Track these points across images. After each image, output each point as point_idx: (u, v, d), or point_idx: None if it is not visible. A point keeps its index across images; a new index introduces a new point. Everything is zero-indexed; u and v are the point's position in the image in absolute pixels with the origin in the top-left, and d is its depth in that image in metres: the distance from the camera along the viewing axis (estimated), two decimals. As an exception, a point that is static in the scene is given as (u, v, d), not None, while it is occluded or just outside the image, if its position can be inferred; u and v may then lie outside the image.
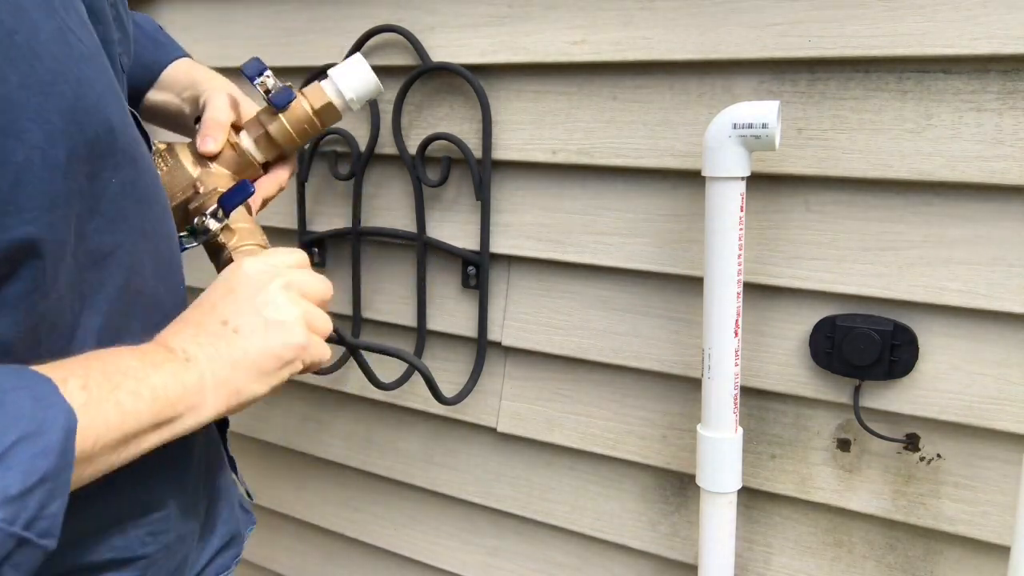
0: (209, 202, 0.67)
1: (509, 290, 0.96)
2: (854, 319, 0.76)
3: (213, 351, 0.51)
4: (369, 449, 1.12)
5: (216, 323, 0.53)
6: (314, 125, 0.75)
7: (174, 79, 0.79)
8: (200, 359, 0.50)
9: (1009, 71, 0.68)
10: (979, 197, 0.71)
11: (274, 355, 0.53)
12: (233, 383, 0.51)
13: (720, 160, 0.72)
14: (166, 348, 0.50)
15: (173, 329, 0.53)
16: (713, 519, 0.79)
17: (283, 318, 0.54)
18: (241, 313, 0.53)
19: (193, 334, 0.52)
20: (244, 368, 0.52)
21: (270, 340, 0.53)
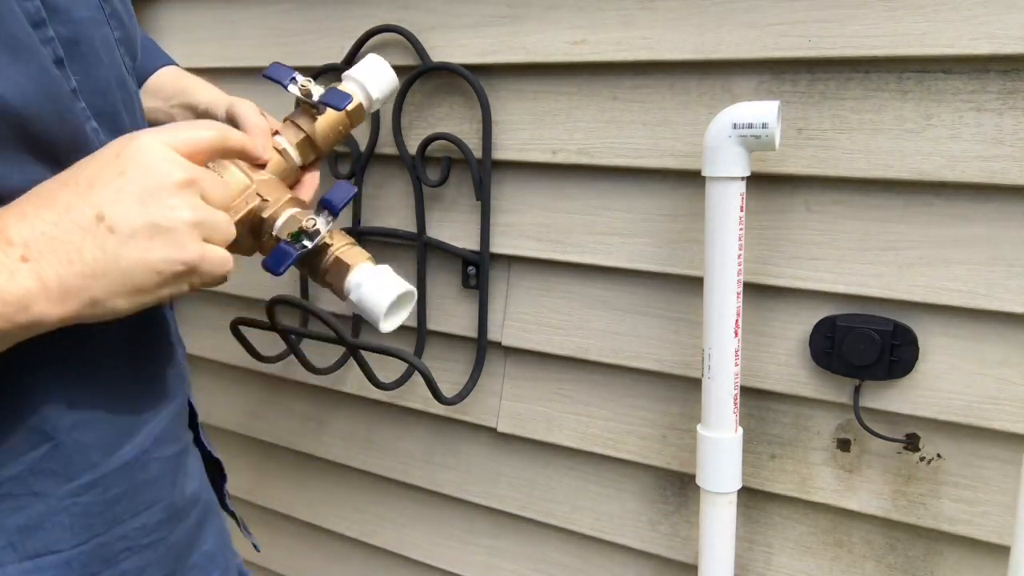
0: (283, 208, 0.63)
1: (509, 290, 0.96)
2: (854, 319, 0.76)
3: (70, 252, 0.42)
4: (369, 449, 1.12)
5: (88, 214, 0.43)
6: (346, 127, 0.75)
7: (161, 86, 0.76)
8: (44, 260, 0.41)
9: (1009, 71, 0.68)
10: (979, 197, 0.71)
11: (153, 269, 0.45)
12: (88, 292, 0.43)
13: (720, 160, 0.72)
14: (1, 237, 0.41)
15: (25, 208, 0.43)
16: (713, 519, 0.79)
17: (174, 224, 0.45)
18: (122, 205, 0.44)
19: (52, 223, 0.42)
20: (109, 278, 0.43)
21: (152, 250, 0.44)
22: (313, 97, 0.71)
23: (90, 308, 0.44)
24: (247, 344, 0.98)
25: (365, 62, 0.77)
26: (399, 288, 0.64)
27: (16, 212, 0.43)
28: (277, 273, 0.61)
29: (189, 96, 0.73)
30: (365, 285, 0.63)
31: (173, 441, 0.63)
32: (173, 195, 0.46)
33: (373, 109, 0.76)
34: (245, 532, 0.75)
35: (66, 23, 0.51)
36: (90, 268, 0.43)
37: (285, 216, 0.63)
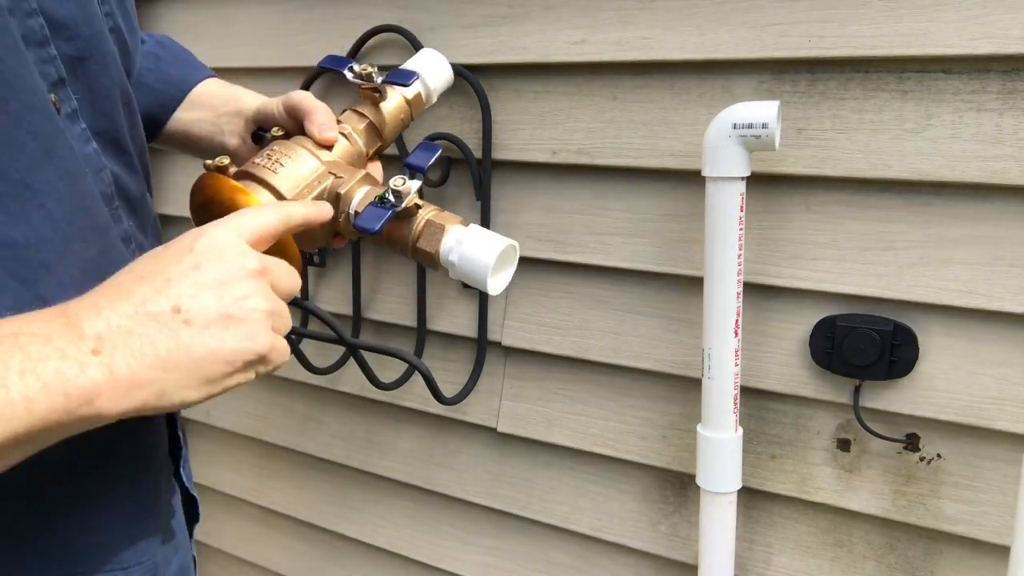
0: (359, 184, 0.61)
1: (509, 290, 0.96)
2: (854, 319, 0.76)
3: (143, 344, 0.42)
4: (369, 449, 1.12)
5: (165, 307, 0.43)
6: (408, 116, 0.72)
7: (209, 96, 0.74)
8: (117, 353, 0.41)
9: (1009, 71, 0.68)
10: (979, 197, 0.71)
11: (226, 360, 0.45)
12: (158, 384, 0.43)
13: (720, 160, 0.72)
14: (74, 331, 0.41)
15: (99, 300, 0.43)
16: (713, 519, 0.79)
17: (248, 315, 0.46)
18: (198, 298, 0.44)
19: (127, 316, 0.42)
20: (180, 370, 0.43)
21: (226, 341, 0.45)
22: (375, 79, 0.67)
23: (156, 400, 0.43)
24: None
25: (423, 54, 0.74)
26: (502, 242, 0.59)
27: (90, 305, 0.42)
28: (374, 231, 0.58)
29: (237, 103, 0.72)
30: (466, 243, 0.59)
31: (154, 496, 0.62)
32: (246, 286, 0.46)
33: (431, 102, 0.74)
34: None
35: (71, 40, 0.50)
36: (162, 360, 0.43)
37: (362, 192, 0.60)
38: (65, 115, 0.50)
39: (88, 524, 0.54)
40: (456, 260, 0.59)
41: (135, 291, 0.44)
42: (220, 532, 1.34)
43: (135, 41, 0.62)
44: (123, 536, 0.56)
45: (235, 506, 1.30)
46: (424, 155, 0.62)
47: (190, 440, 1.33)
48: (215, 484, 1.31)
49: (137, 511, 0.58)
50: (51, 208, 0.47)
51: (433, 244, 0.60)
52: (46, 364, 0.39)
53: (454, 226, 0.60)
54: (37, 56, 0.48)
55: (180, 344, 0.43)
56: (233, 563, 1.34)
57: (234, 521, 1.32)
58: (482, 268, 0.58)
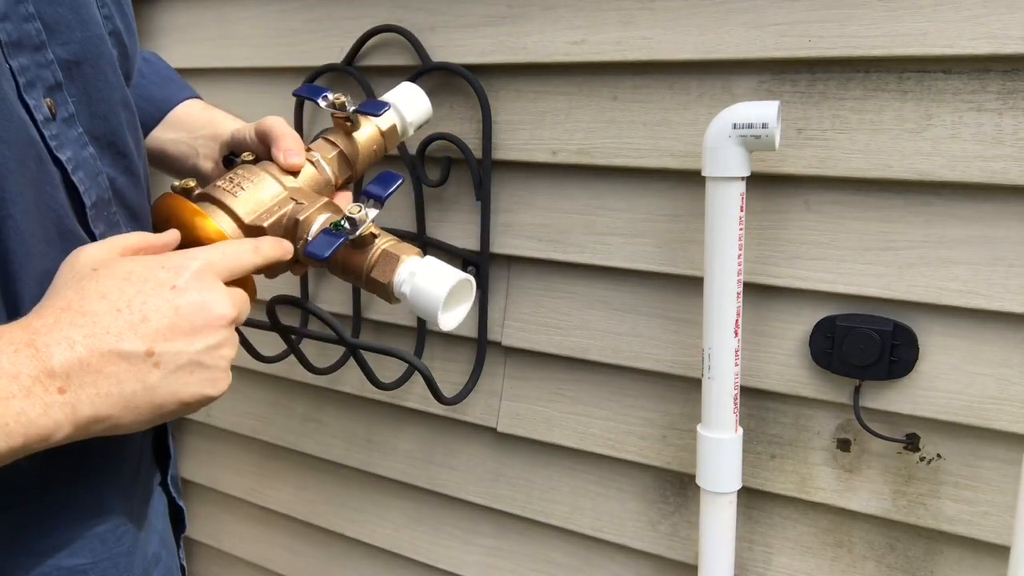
0: (319, 211, 0.60)
1: (509, 290, 0.96)
2: (854, 319, 0.76)
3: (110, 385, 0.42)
4: (369, 449, 1.12)
5: (139, 349, 0.43)
6: (381, 148, 0.71)
7: (188, 117, 0.74)
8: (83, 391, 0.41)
9: (1009, 71, 0.68)
10: (979, 197, 0.71)
11: (183, 402, 0.46)
12: (115, 420, 0.43)
13: (720, 160, 0.72)
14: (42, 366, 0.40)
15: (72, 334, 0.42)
16: (713, 519, 0.79)
17: (216, 363, 0.47)
18: (173, 342, 0.45)
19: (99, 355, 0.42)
20: (140, 410, 0.44)
21: (190, 386, 0.46)
22: (348, 108, 0.67)
23: (108, 431, 0.44)
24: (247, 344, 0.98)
25: (401, 88, 0.74)
26: (456, 276, 0.58)
27: (64, 339, 0.42)
28: (323, 258, 0.57)
29: (214, 127, 0.72)
30: (419, 275, 0.58)
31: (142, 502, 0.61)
32: (220, 335, 0.47)
33: (406, 135, 0.74)
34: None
35: (67, 43, 0.50)
36: (125, 400, 0.43)
37: (321, 219, 0.59)
38: (61, 119, 0.50)
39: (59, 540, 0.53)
40: (408, 292, 0.58)
41: (110, 326, 0.43)
42: (220, 532, 1.34)
43: (134, 45, 0.61)
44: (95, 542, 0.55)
45: (235, 506, 1.30)
46: (384, 184, 0.62)
47: (190, 440, 1.33)
48: (215, 484, 1.31)
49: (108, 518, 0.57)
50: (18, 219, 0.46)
51: (386, 275, 0.59)
52: (9, 404, 0.39)
53: (409, 257, 0.59)
54: (33, 60, 0.47)
55: (146, 387, 0.44)
56: (233, 563, 1.34)
57: (234, 521, 1.32)
58: (433, 301, 0.57)
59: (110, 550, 0.55)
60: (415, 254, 0.60)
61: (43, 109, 0.48)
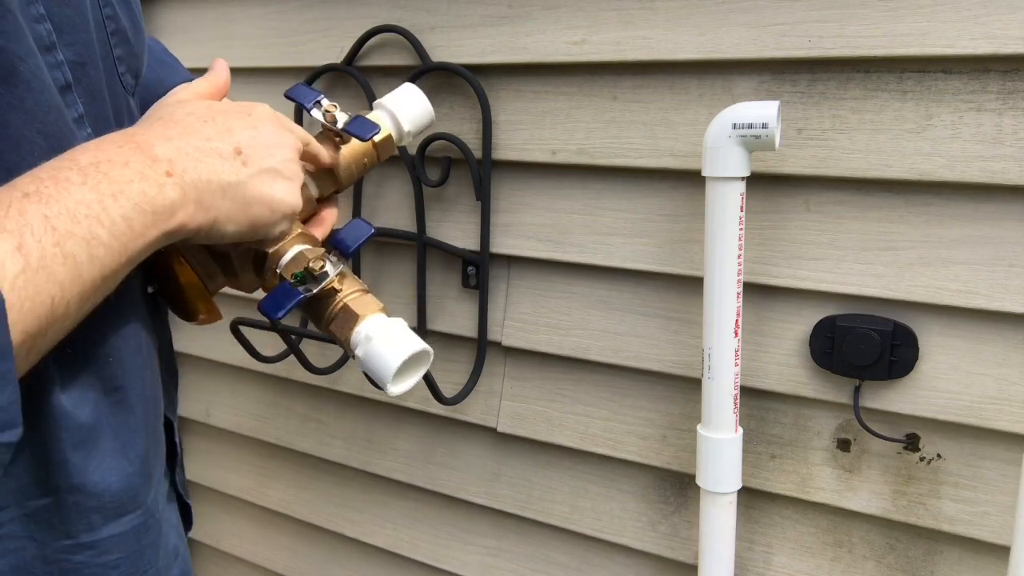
0: (290, 244, 0.57)
1: (509, 290, 0.96)
2: (854, 319, 0.76)
3: (210, 172, 0.47)
4: (369, 449, 1.12)
5: (228, 146, 0.49)
6: (373, 160, 0.67)
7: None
8: (187, 175, 0.45)
9: (1009, 71, 0.68)
10: (979, 197, 0.71)
11: (270, 207, 0.51)
12: (215, 210, 0.47)
13: (720, 160, 0.72)
14: (146, 155, 0.44)
15: (169, 131, 0.47)
16: (713, 519, 0.79)
17: (291, 175, 0.53)
18: (256, 148, 0.50)
19: (195, 147, 0.47)
20: (235, 202, 0.48)
21: (274, 189, 0.51)
22: (338, 124, 0.63)
23: (210, 225, 0.47)
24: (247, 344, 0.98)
25: (399, 91, 0.70)
26: (413, 347, 0.56)
27: (160, 134, 0.46)
28: (274, 318, 0.55)
29: None
30: (375, 340, 0.55)
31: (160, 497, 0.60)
32: (291, 154, 0.53)
33: (404, 142, 0.69)
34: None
35: (73, 44, 0.50)
36: (222, 189, 0.47)
37: (292, 252, 0.56)
38: (72, 120, 0.50)
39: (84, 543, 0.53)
40: (362, 356, 0.56)
41: (200, 129, 0.49)
42: (220, 532, 1.34)
43: (141, 43, 0.61)
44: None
45: (235, 506, 1.30)
46: (353, 234, 0.59)
47: (190, 440, 1.33)
48: (215, 484, 1.31)
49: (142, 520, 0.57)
50: None
51: (344, 331, 0.57)
52: (131, 186, 0.42)
53: (370, 316, 0.57)
54: (45, 61, 0.48)
55: (239, 179, 0.49)
56: (233, 563, 1.34)
57: (234, 521, 1.32)
58: (385, 371, 0.55)
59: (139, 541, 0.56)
60: (378, 311, 0.58)
61: None
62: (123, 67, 0.58)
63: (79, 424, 0.49)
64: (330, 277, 0.56)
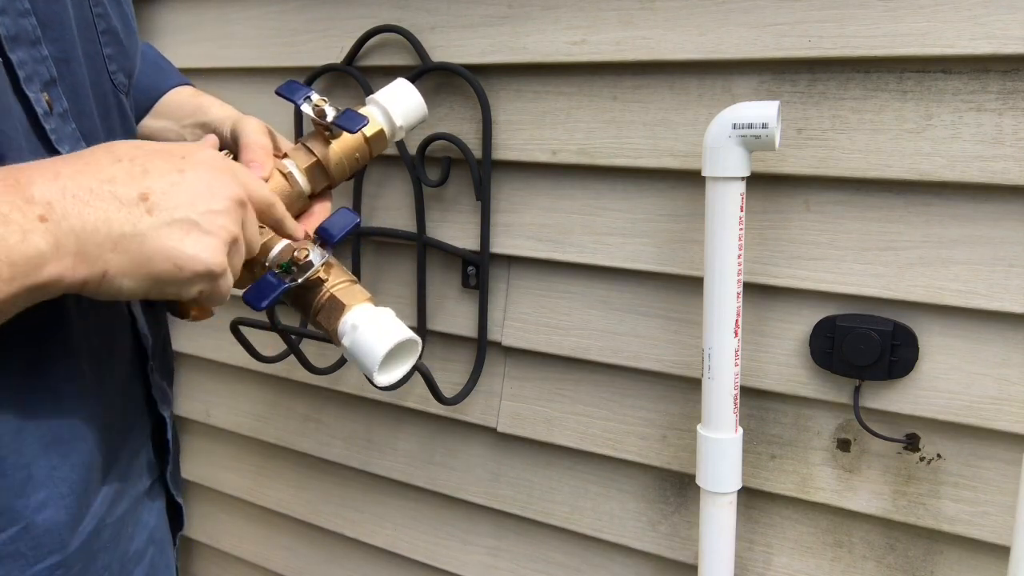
0: (275, 240, 0.57)
1: (509, 290, 0.96)
2: (854, 319, 0.76)
3: (97, 220, 0.40)
4: (369, 449, 1.12)
5: (132, 191, 0.42)
6: (365, 155, 0.67)
7: (176, 105, 0.72)
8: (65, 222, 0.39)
9: (1009, 71, 0.68)
10: (979, 197, 0.71)
11: (176, 263, 0.43)
12: (103, 264, 0.41)
13: (720, 160, 0.72)
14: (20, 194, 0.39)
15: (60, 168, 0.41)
16: (713, 519, 0.79)
17: (214, 230, 0.45)
18: (172, 196, 0.43)
19: (87, 189, 0.41)
20: (129, 256, 0.42)
21: (185, 243, 0.43)
22: (327, 118, 0.63)
23: (97, 281, 0.42)
24: (247, 344, 0.98)
25: (391, 86, 0.70)
26: (398, 335, 0.55)
27: (48, 171, 0.41)
28: (258, 308, 0.55)
29: (203, 115, 0.70)
30: (361, 328, 0.55)
31: (125, 497, 0.59)
32: (223, 204, 0.46)
33: (397, 137, 0.69)
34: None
35: (57, 41, 0.50)
36: (112, 240, 0.41)
37: (280, 246, 0.56)
38: (57, 115, 0.50)
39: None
40: (348, 345, 0.55)
41: (104, 168, 0.42)
42: (220, 532, 1.34)
43: (134, 44, 0.61)
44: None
45: (235, 506, 1.30)
46: (338, 223, 0.58)
47: (190, 440, 1.33)
48: (215, 484, 1.31)
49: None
50: None
51: (331, 322, 0.56)
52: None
53: (356, 306, 0.56)
54: (31, 55, 0.48)
55: (136, 231, 0.42)
56: (233, 563, 1.34)
57: (234, 521, 1.32)
58: (371, 360, 0.54)
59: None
60: (365, 300, 0.57)
61: (42, 103, 0.48)
62: (114, 66, 0.57)
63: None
64: (315, 267, 0.55)
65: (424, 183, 0.97)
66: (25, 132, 0.47)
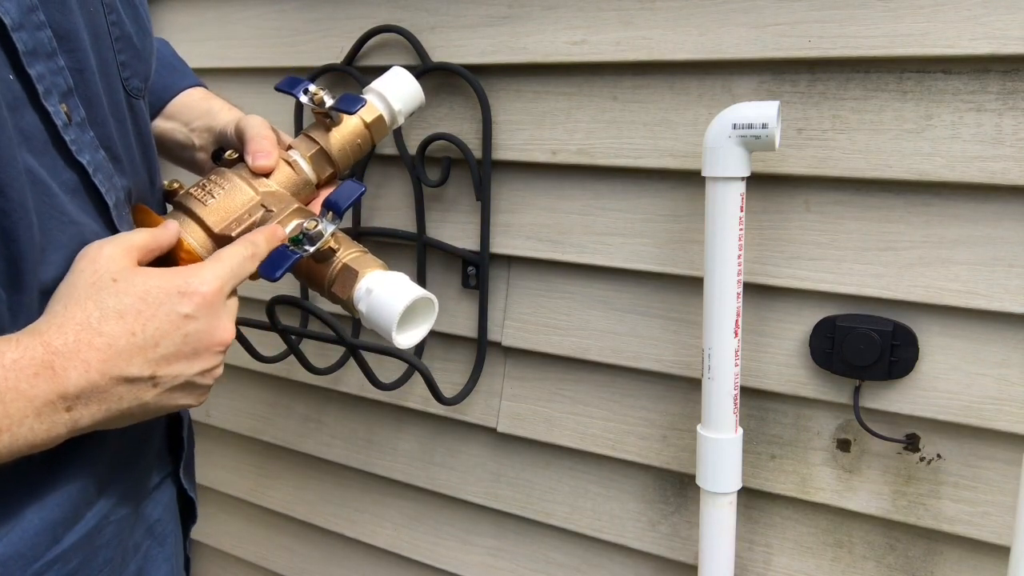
0: (288, 218, 0.59)
1: (509, 290, 0.96)
2: (854, 319, 0.76)
3: (111, 403, 0.46)
4: (369, 449, 1.12)
5: (144, 372, 0.47)
6: (367, 140, 0.69)
7: (186, 107, 0.74)
8: (86, 409, 0.45)
9: (1009, 71, 0.68)
10: (979, 197, 0.71)
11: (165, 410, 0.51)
12: (105, 425, 0.48)
13: (720, 160, 0.72)
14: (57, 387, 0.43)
15: (89, 357, 0.45)
16: (713, 519, 0.79)
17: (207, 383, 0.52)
18: (175, 364, 0.49)
19: (109, 377, 0.45)
20: (128, 418, 0.48)
21: (175, 399, 0.50)
22: (326, 105, 0.66)
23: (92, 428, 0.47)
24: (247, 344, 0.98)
25: (388, 74, 0.72)
26: (415, 293, 0.56)
27: (82, 362, 0.44)
28: (273, 278, 0.56)
29: (211, 118, 0.72)
30: (376, 291, 0.56)
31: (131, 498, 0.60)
32: (214, 359, 0.51)
33: (397, 124, 0.71)
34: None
35: (73, 51, 0.50)
36: (120, 413, 0.47)
37: (291, 227, 0.58)
38: (76, 124, 0.50)
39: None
40: (364, 310, 0.57)
41: (124, 350, 0.46)
42: (220, 532, 1.34)
43: (149, 47, 0.61)
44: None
45: (235, 506, 1.30)
46: (344, 193, 0.60)
47: (190, 440, 1.33)
48: (215, 484, 1.31)
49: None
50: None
51: (345, 290, 0.58)
52: (22, 424, 0.42)
53: (369, 272, 0.57)
54: (48, 68, 0.48)
55: (141, 403, 0.48)
56: (233, 563, 1.34)
57: (234, 521, 1.32)
58: (388, 319, 0.55)
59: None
60: (377, 267, 0.58)
61: (60, 115, 0.49)
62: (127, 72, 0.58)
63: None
64: (325, 236, 0.57)
65: (424, 183, 0.97)
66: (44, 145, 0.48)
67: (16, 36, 0.46)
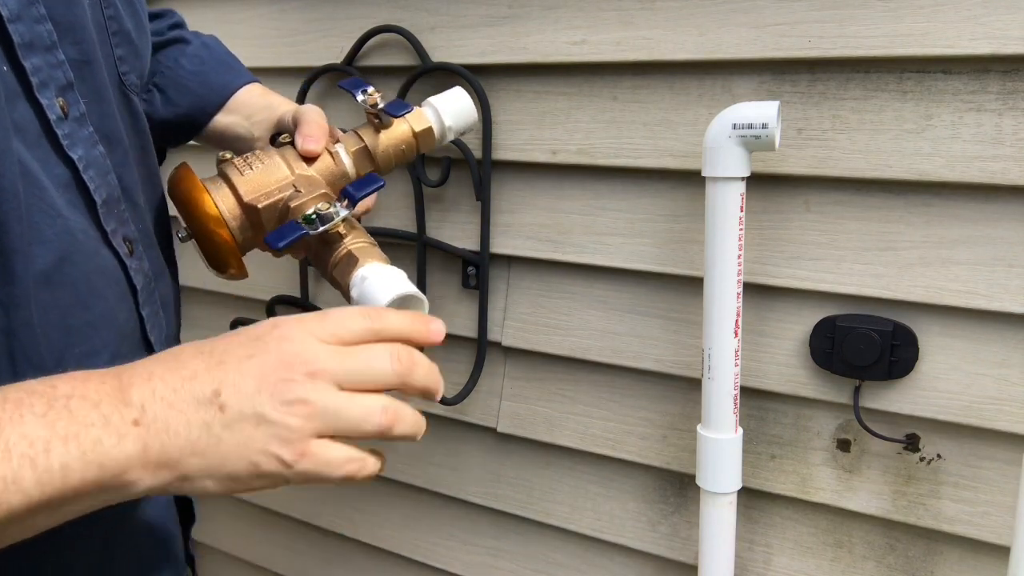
0: (312, 201, 0.61)
1: (509, 290, 0.96)
2: (854, 319, 0.76)
3: (179, 423, 0.41)
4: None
5: (207, 388, 0.42)
6: (411, 148, 0.71)
7: (246, 102, 0.77)
8: (153, 427, 0.40)
9: (1009, 71, 0.68)
10: (979, 197, 0.71)
11: (249, 460, 0.42)
12: (183, 467, 0.41)
13: (720, 160, 0.72)
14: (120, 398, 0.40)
15: (153, 368, 0.43)
16: (713, 519, 0.79)
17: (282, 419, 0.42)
18: (240, 388, 0.42)
19: (172, 390, 0.41)
20: (206, 458, 0.41)
21: (254, 440, 0.42)
22: (378, 106, 0.68)
23: (179, 482, 0.42)
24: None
25: (448, 91, 0.74)
26: (402, 288, 0.56)
27: (144, 372, 0.42)
28: (276, 247, 0.57)
29: (271, 111, 0.75)
30: (369, 279, 0.56)
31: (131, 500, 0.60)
32: (293, 387, 0.42)
33: (448, 138, 0.74)
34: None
35: (78, 43, 0.50)
36: (191, 445, 0.41)
37: (311, 210, 0.60)
38: (73, 119, 0.50)
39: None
40: (356, 296, 0.57)
41: (188, 364, 0.43)
42: (220, 532, 1.34)
43: (145, 42, 0.62)
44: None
45: (235, 506, 1.30)
46: (363, 184, 0.62)
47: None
48: (215, 484, 1.31)
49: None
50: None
51: (344, 276, 0.58)
52: (88, 432, 0.39)
53: (369, 262, 0.58)
54: (45, 61, 0.48)
55: (209, 433, 0.41)
56: (233, 563, 1.34)
57: (234, 521, 1.32)
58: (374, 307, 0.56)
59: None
60: (379, 259, 0.59)
61: (55, 108, 0.49)
62: (125, 67, 0.58)
63: None
64: (335, 220, 0.59)
65: (424, 183, 0.97)
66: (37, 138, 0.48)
67: (12, 28, 0.45)
